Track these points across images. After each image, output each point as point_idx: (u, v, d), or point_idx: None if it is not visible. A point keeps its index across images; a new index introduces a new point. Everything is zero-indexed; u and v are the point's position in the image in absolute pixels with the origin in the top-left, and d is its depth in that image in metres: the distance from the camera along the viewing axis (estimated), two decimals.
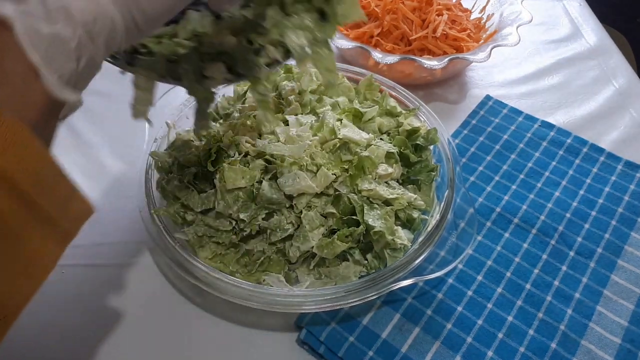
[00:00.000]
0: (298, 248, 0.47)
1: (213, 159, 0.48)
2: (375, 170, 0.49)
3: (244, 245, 0.48)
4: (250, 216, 0.47)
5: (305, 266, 0.48)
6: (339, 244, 0.45)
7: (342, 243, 0.46)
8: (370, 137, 0.51)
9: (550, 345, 0.47)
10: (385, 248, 0.46)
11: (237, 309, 0.47)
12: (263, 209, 0.47)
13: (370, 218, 0.46)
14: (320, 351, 0.46)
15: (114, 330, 0.48)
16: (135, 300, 0.50)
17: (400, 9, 0.71)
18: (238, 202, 0.47)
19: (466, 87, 0.76)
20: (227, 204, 0.46)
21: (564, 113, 0.72)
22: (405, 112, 0.57)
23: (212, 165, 0.48)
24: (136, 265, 0.53)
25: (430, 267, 0.50)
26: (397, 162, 0.52)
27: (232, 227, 0.47)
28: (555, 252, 0.55)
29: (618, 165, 0.64)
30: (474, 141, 0.66)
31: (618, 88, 0.76)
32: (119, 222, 0.55)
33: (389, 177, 0.50)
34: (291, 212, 0.48)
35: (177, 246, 0.45)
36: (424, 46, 0.71)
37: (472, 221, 0.52)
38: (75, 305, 0.49)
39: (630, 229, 0.57)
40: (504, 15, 0.74)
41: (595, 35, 0.86)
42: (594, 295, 0.51)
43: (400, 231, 0.47)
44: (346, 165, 0.48)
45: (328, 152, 0.49)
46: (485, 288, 0.51)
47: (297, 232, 0.47)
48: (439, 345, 0.47)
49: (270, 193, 0.46)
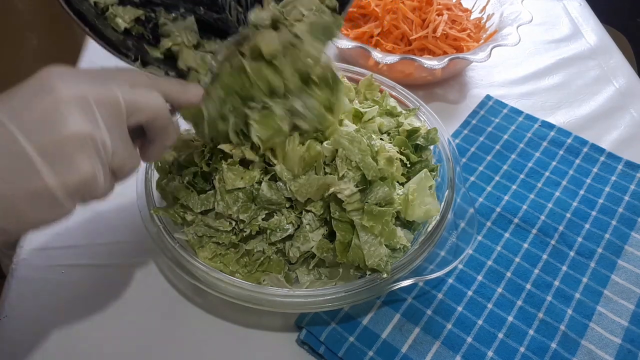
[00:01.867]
0: (298, 248, 0.47)
1: (206, 158, 0.48)
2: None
3: (244, 245, 0.48)
4: (250, 217, 0.47)
5: (305, 266, 0.48)
6: (339, 256, 0.45)
7: (341, 255, 0.45)
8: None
9: (551, 346, 0.47)
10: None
11: (237, 309, 0.47)
12: (263, 210, 0.47)
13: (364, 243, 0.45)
14: (320, 351, 0.46)
15: (114, 330, 0.48)
16: (135, 300, 0.50)
17: (400, 8, 0.71)
18: (238, 202, 0.47)
19: (466, 87, 0.76)
20: (226, 204, 0.46)
21: (564, 113, 0.72)
22: (405, 112, 0.57)
23: (206, 165, 0.48)
24: (136, 265, 0.53)
25: (431, 267, 0.50)
26: (398, 164, 0.52)
27: (232, 227, 0.47)
28: (555, 252, 0.55)
29: (618, 165, 0.64)
30: (474, 141, 0.66)
31: (618, 88, 0.76)
32: (119, 222, 0.55)
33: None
34: (291, 212, 0.48)
35: (177, 246, 0.45)
36: (424, 46, 0.71)
37: (472, 221, 0.52)
38: (75, 305, 0.49)
39: (630, 229, 0.57)
40: (504, 15, 0.74)
41: (596, 35, 0.86)
42: (594, 295, 0.51)
43: (399, 232, 0.47)
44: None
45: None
46: (486, 288, 0.51)
47: (298, 232, 0.47)
48: (439, 345, 0.47)
49: (269, 194, 0.46)
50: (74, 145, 0.28)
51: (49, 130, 0.28)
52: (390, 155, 0.48)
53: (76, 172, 0.29)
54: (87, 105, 0.29)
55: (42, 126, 0.28)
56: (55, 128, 0.28)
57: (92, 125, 0.29)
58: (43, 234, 0.54)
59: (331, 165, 0.47)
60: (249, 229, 0.47)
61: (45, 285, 0.51)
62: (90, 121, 0.29)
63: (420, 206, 0.47)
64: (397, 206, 0.47)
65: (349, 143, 0.46)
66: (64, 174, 0.28)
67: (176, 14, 0.45)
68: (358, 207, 0.45)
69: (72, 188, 0.29)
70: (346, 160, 0.45)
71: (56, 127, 0.28)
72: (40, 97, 0.28)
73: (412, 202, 0.47)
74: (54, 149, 0.28)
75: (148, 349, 0.47)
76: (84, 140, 0.29)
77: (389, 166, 0.47)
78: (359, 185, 0.45)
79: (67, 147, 0.28)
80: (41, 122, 0.28)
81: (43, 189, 0.28)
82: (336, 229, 0.45)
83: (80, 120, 0.29)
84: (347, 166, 0.45)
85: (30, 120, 0.28)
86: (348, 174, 0.45)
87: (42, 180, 0.28)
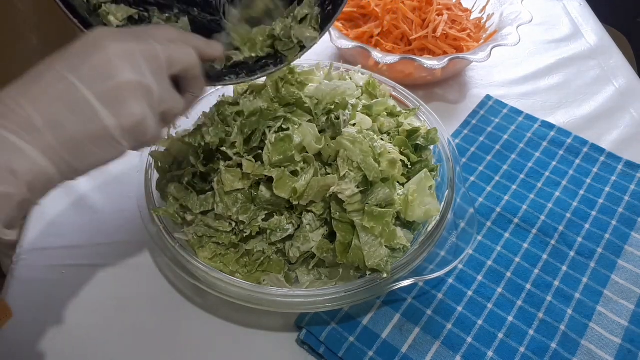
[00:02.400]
0: (298, 248, 0.47)
1: (201, 159, 0.48)
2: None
3: (244, 245, 0.48)
4: (250, 217, 0.47)
5: (305, 267, 0.48)
6: (339, 257, 0.45)
7: (341, 256, 0.45)
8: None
9: (551, 345, 0.47)
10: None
11: (237, 309, 0.47)
12: (262, 210, 0.47)
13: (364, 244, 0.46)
14: (320, 351, 0.46)
15: (114, 330, 0.48)
16: (136, 300, 0.50)
17: (400, 8, 0.71)
18: (237, 204, 0.47)
19: (466, 87, 0.76)
20: (226, 206, 0.46)
21: (564, 113, 0.72)
22: (405, 112, 0.57)
23: (202, 165, 0.48)
24: (136, 265, 0.53)
25: (431, 267, 0.50)
26: (399, 165, 0.52)
27: (231, 228, 0.47)
28: (555, 252, 0.55)
29: (618, 165, 0.64)
30: (474, 141, 0.66)
31: (618, 88, 0.76)
32: (119, 222, 0.55)
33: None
34: (292, 212, 0.48)
35: (177, 246, 0.45)
36: (424, 46, 0.71)
37: (472, 221, 0.52)
38: (75, 305, 0.49)
39: (630, 229, 0.57)
40: (504, 15, 0.74)
41: (596, 35, 0.86)
42: (594, 295, 0.51)
43: (399, 232, 0.47)
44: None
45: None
46: (486, 288, 0.51)
47: (298, 232, 0.47)
48: (439, 345, 0.47)
49: (268, 195, 0.46)
50: (126, 91, 0.33)
51: (105, 80, 0.32)
52: (393, 158, 0.48)
53: (130, 115, 0.33)
54: (134, 58, 0.33)
55: (98, 77, 0.32)
56: (110, 78, 0.32)
57: (140, 75, 0.33)
58: (43, 234, 0.54)
59: (333, 165, 0.47)
60: (249, 229, 0.47)
61: (45, 285, 0.51)
62: (138, 72, 0.33)
63: (420, 206, 0.47)
64: (397, 207, 0.47)
65: (351, 144, 0.46)
66: (120, 116, 0.32)
67: (170, 14, 0.45)
68: (359, 207, 0.45)
69: (127, 129, 0.33)
70: (348, 161, 0.46)
71: (111, 77, 0.32)
72: (93, 53, 0.32)
73: (412, 203, 0.47)
74: (110, 96, 0.32)
75: (148, 348, 0.47)
76: (134, 87, 0.33)
77: (391, 168, 0.47)
78: (360, 186, 0.45)
79: (121, 93, 0.32)
80: (97, 74, 0.32)
81: (103, 130, 0.32)
82: (336, 230, 0.45)
83: (130, 71, 0.33)
84: (348, 167, 0.45)
85: (87, 73, 0.32)
86: (349, 175, 0.45)
87: (102, 122, 0.32)
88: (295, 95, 0.49)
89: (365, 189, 0.45)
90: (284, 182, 0.45)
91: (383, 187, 0.45)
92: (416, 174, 0.50)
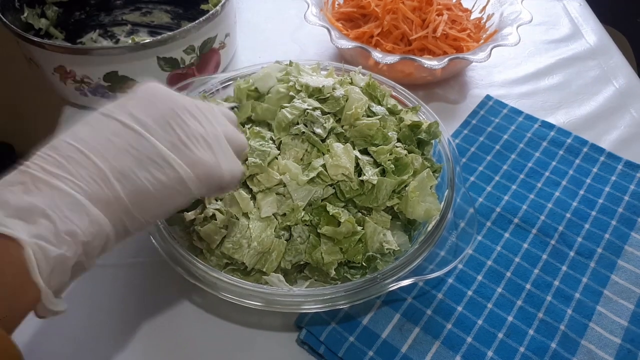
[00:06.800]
0: (290, 262, 0.47)
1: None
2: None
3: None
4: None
5: (299, 273, 0.49)
6: (329, 262, 0.45)
7: (329, 257, 0.46)
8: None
9: (550, 345, 0.47)
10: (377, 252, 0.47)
11: (237, 309, 0.46)
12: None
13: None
14: (320, 351, 0.46)
15: (114, 330, 0.48)
16: (136, 300, 0.50)
17: (400, 9, 0.71)
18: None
19: (466, 87, 0.76)
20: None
21: (564, 113, 0.72)
22: (406, 110, 0.57)
23: None
24: (136, 265, 0.53)
25: (430, 267, 0.50)
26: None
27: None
28: (555, 252, 0.55)
29: (618, 165, 0.64)
30: (474, 141, 0.66)
31: (618, 88, 0.76)
32: None
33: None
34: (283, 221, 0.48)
35: (178, 246, 0.45)
36: (424, 46, 0.71)
37: (472, 221, 0.52)
38: (75, 305, 0.49)
39: (630, 229, 0.57)
40: (504, 15, 0.74)
41: (596, 35, 0.86)
42: (594, 295, 0.51)
43: (388, 235, 0.47)
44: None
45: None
46: (485, 288, 0.51)
47: (289, 245, 0.47)
48: (439, 345, 0.47)
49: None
50: (196, 141, 0.33)
51: (173, 130, 0.32)
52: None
53: (201, 164, 0.32)
54: (198, 110, 0.34)
55: (165, 127, 0.32)
56: (179, 128, 0.32)
57: (210, 125, 0.34)
58: None
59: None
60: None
61: None
62: (205, 122, 0.34)
63: (421, 204, 0.47)
64: (397, 206, 0.47)
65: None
66: (191, 166, 0.32)
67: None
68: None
69: (201, 177, 0.32)
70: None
71: (180, 127, 0.32)
72: (156, 103, 0.32)
73: (413, 199, 0.47)
74: (179, 146, 0.32)
75: (148, 348, 0.47)
76: (203, 137, 0.33)
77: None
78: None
79: (189, 143, 0.32)
80: (164, 124, 0.32)
81: (176, 179, 0.31)
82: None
83: (196, 122, 0.33)
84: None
85: (153, 123, 0.31)
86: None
87: (175, 171, 0.31)
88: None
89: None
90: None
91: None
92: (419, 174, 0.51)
